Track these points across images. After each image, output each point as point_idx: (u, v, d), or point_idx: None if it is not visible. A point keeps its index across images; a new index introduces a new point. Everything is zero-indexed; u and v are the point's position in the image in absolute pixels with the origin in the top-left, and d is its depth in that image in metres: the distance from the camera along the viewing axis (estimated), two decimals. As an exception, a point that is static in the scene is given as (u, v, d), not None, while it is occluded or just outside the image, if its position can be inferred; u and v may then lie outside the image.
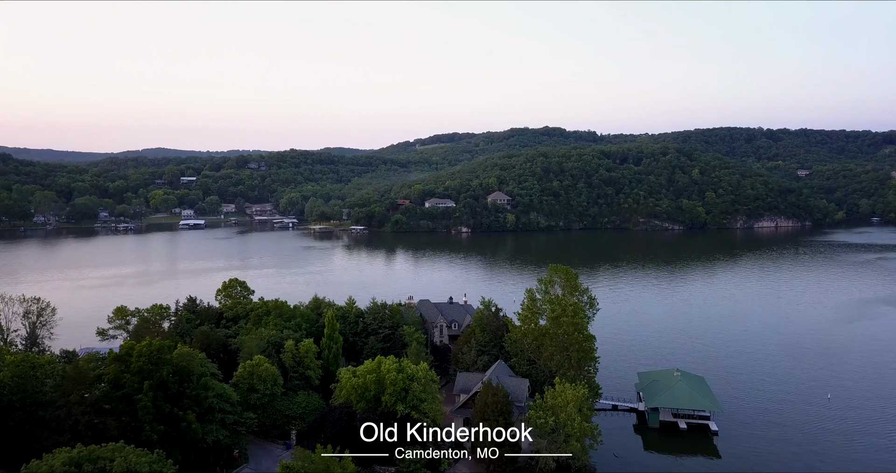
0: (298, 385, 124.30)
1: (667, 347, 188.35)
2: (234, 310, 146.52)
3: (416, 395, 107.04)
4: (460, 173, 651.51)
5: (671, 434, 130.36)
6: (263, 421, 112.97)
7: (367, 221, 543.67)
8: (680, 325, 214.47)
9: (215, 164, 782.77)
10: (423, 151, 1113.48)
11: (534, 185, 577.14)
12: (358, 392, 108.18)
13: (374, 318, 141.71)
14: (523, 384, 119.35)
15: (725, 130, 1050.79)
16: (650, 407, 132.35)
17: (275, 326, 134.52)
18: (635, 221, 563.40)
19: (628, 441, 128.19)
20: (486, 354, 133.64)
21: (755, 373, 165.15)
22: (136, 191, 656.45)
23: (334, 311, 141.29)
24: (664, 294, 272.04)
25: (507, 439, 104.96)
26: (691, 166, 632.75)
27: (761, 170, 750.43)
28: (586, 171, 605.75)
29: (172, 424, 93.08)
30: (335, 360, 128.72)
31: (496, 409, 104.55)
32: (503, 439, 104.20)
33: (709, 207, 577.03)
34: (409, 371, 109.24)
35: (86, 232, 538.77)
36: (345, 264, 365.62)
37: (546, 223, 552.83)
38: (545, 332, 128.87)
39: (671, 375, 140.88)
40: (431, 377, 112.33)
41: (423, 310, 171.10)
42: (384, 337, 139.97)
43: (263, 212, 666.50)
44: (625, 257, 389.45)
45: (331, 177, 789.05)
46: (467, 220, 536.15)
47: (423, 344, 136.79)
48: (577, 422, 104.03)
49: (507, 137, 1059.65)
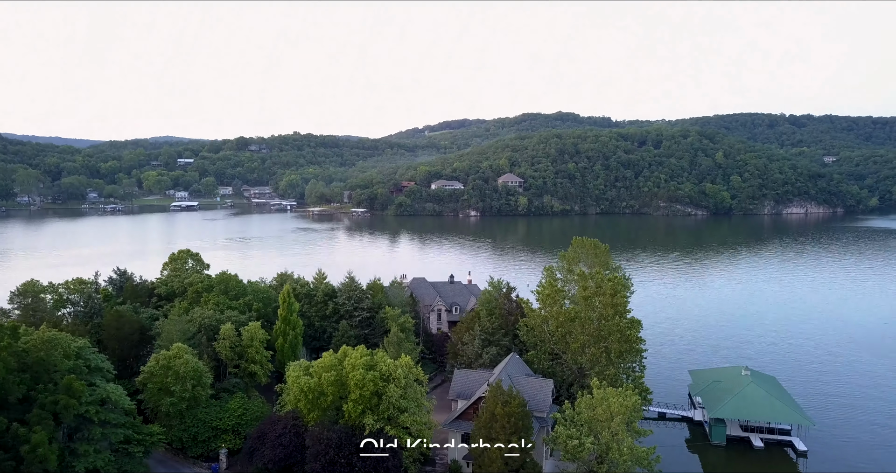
0: (239, 385, 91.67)
1: (715, 339, 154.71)
2: (169, 286, 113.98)
3: (393, 402, 74.41)
4: (469, 155, 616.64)
5: (743, 454, 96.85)
6: (179, 437, 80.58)
7: (370, 204, 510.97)
8: (726, 315, 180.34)
9: (214, 147, 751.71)
10: (431, 137, 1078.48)
11: (547, 167, 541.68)
12: (309, 396, 75.45)
13: (348, 297, 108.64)
14: (545, 386, 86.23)
15: (746, 116, 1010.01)
16: (713, 418, 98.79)
17: (216, 306, 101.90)
18: (655, 206, 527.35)
19: (683, 462, 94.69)
20: (494, 345, 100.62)
21: (837, 375, 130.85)
22: (130, 172, 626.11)
23: (296, 287, 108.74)
24: (702, 280, 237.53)
25: (523, 466, 72.68)
26: (714, 149, 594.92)
27: (788, 154, 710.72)
28: (603, 153, 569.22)
29: (7, 448, 60.57)
30: (292, 352, 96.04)
31: (508, 423, 71.87)
32: (517, 465, 71.83)
33: (734, 192, 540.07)
34: (383, 367, 76.38)
35: (72, 213, 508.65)
36: (339, 246, 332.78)
37: (560, 207, 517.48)
38: (574, 317, 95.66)
39: (738, 375, 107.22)
40: (416, 375, 79.58)
41: (417, 291, 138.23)
42: (361, 322, 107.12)
43: (262, 194, 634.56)
44: (648, 243, 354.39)
45: (334, 161, 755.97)
46: (476, 203, 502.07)
47: (412, 332, 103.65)
48: (626, 445, 71.04)
49: (519, 122, 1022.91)
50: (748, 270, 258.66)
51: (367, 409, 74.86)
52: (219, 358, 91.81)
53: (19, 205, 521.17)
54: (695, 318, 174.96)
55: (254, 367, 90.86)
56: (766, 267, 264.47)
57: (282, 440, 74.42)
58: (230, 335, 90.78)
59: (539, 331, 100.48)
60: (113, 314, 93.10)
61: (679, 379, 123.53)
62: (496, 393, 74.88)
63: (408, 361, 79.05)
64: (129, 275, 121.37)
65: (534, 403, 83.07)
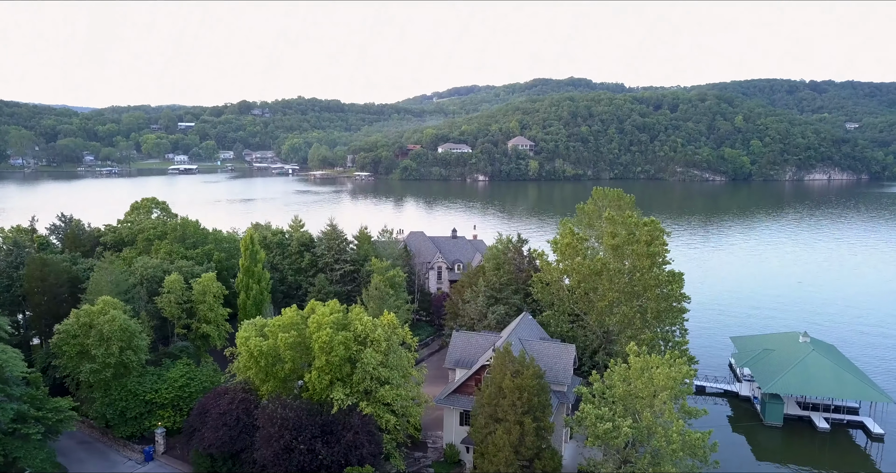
0: (188, 350, 74.92)
1: (755, 302, 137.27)
2: (117, 233, 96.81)
3: (371, 371, 57.30)
4: (478, 118, 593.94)
5: (805, 437, 79.77)
6: (102, 413, 64.04)
7: (374, 167, 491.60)
8: (763, 277, 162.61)
9: (216, 110, 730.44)
10: (440, 103, 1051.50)
11: (560, 130, 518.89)
12: (261, 363, 58.44)
13: (328, 248, 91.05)
14: (565, 353, 68.89)
15: (765, 82, 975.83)
16: (767, 394, 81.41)
17: (167, 255, 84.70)
18: (672, 171, 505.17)
19: (731, 446, 77.37)
20: (501, 303, 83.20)
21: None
22: (128, 135, 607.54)
23: (267, 236, 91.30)
24: (727, 243, 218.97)
25: (539, 455, 56.04)
26: (734, 113, 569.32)
27: (809, 120, 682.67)
28: (618, 117, 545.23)
29: None
30: (257, 310, 78.87)
31: (519, 400, 55.00)
32: (531, 453, 55.15)
33: (754, 157, 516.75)
34: (359, 326, 59.12)
35: (67, 175, 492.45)
36: (339, 207, 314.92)
37: (572, 171, 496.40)
38: (600, 269, 77.99)
39: (794, 342, 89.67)
40: (402, 338, 62.47)
41: (415, 246, 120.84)
42: (343, 277, 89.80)
43: (264, 158, 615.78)
44: (664, 208, 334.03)
45: (339, 126, 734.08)
46: (484, 168, 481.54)
47: (403, 288, 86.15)
48: (675, 430, 53.85)
49: (530, 87, 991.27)
50: (783, 235, 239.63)
51: (335, 380, 57.91)
52: (165, 318, 74.94)
53: (13, 167, 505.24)
54: (728, 281, 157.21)
55: (207, 328, 73.95)
56: (798, 231, 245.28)
57: (226, 418, 57.65)
58: (177, 288, 73.66)
59: (556, 288, 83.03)
60: (36, 261, 75.93)
61: (717, 346, 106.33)
62: (504, 361, 57.69)
63: (391, 320, 61.79)
64: (75, 222, 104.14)
65: (551, 373, 66.01)
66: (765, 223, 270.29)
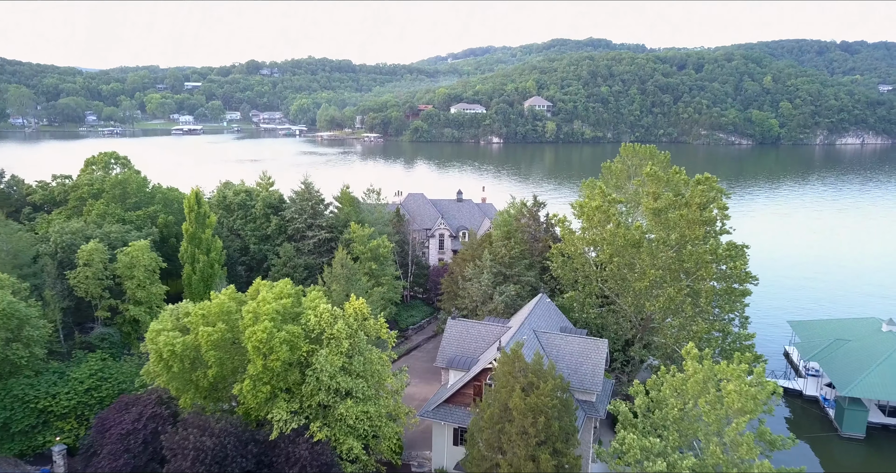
0: (113, 338, 59.27)
1: (817, 280, 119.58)
2: (48, 191, 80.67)
3: (327, 381, 41.02)
4: (493, 77, 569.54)
5: (892, 451, 63.39)
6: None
7: (383, 128, 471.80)
8: (831, 247, 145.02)
9: (224, 70, 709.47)
10: (454, 64, 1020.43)
11: (578, 90, 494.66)
12: (174, 367, 42.38)
13: (299, 210, 74.27)
14: (595, 350, 52.17)
15: (793, 42, 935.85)
16: (846, 397, 64.73)
17: (99, 218, 68.58)
18: (696, 134, 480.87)
19: (799, 461, 60.94)
20: (511, 281, 66.42)
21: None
22: (133, 95, 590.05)
23: (228, 195, 74.81)
24: (764, 210, 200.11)
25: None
26: (762, 73, 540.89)
27: (843, 81, 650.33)
28: (639, 76, 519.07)
29: None
30: (205, 287, 62.72)
31: (533, 425, 38.64)
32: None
33: (783, 120, 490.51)
34: (311, 318, 42.78)
35: (69, 135, 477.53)
36: (339, 169, 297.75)
37: (591, 133, 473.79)
38: (638, 240, 60.95)
39: (875, 331, 72.52)
40: (377, 330, 46.23)
41: (413, 210, 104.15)
42: (317, 246, 73.22)
43: (271, 120, 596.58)
44: (690, 173, 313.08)
45: (349, 86, 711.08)
46: (499, 129, 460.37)
47: (389, 260, 69.46)
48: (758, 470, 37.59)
49: (548, 48, 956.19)
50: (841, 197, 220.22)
51: (278, 392, 41.93)
52: (80, 297, 59.18)
53: (13, 126, 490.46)
54: (779, 250, 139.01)
55: (136, 311, 58.16)
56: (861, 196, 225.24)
57: (130, 441, 41.99)
58: (96, 260, 57.65)
59: (581, 263, 66.20)
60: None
61: (769, 330, 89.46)
62: (512, 368, 41.25)
63: (360, 308, 45.34)
64: (15, 179, 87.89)
65: (576, 377, 49.71)
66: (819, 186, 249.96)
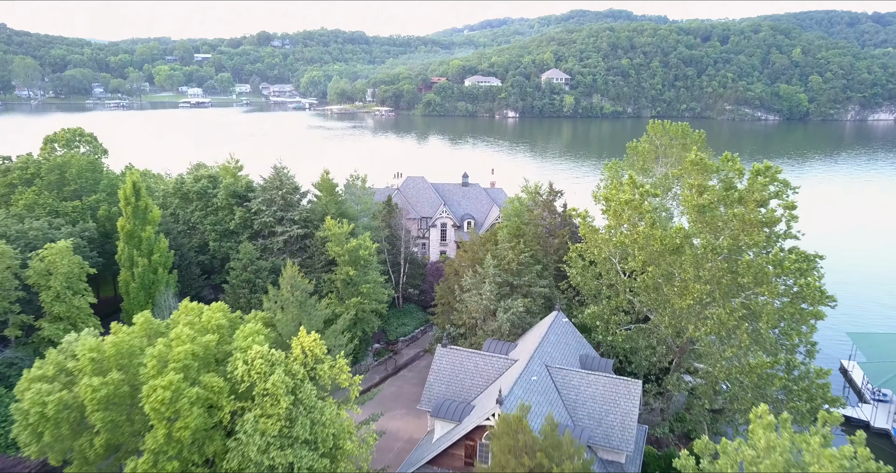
0: (25, 362, 48.18)
1: (871, 279, 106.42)
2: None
3: (256, 457, 29.00)
4: (509, 49, 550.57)
5: None
6: None
7: (395, 102, 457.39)
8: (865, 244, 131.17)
9: (234, 42, 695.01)
10: (470, 35, 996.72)
11: (598, 63, 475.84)
12: (46, 433, 30.70)
13: (267, 201, 62.33)
14: (625, 393, 40.11)
15: (822, 13, 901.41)
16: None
17: (27, 209, 57.15)
18: (720, 109, 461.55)
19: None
20: (519, 294, 54.22)
21: None
22: (141, 66, 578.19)
23: (186, 182, 63.10)
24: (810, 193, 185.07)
25: None
26: (791, 46, 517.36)
27: (875, 53, 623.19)
28: (662, 49, 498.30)
29: None
30: (147, 297, 51.24)
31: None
32: None
33: (813, 94, 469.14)
34: (239, 366, 30.86)
35: (75, 107, 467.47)
36: (345, 145, 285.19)
37: (611, 108, 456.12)
38: (679, 245, 48.49)
39: (961, 353, 59.95)
40: (333, 378, 34.21)
41: (411, 197, 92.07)
42: (288, 243, 61.38)
43: (282, 92, 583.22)
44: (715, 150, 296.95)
45: (362, 59, 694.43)
46: (515, 103, 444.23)
47: (373, 264, 57.55)
48: None
49: (566, 19, 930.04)
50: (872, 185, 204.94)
51: (190, 468, 30.45)
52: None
53: (19, 98, 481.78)
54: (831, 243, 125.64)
55: (51, 329, 46.93)
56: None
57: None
58: (1, 266, 46.30)
59: (606, 269, 53.98)
60: None
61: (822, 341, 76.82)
62: (514, 440, 29.47)
63: (310, 346, 33.52)
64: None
65: (602, 431, 37.86)
66: (859, 163, 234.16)
